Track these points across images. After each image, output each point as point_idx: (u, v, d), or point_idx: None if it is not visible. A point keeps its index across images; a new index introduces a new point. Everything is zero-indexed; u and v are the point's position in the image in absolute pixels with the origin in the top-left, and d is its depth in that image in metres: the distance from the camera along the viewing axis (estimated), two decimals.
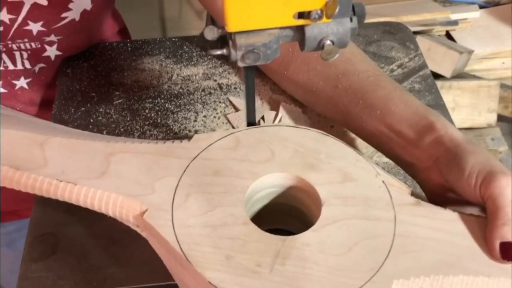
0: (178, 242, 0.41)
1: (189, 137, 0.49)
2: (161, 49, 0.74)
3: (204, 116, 0.65)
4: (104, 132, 0.62)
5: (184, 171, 0.46)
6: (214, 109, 0.65)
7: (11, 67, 0.70)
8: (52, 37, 0.67)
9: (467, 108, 1.49)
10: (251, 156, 0.47)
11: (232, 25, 0.39)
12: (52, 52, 0.70)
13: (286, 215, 0.50)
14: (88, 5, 0.67)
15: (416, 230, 0.43)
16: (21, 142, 0.48)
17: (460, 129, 1.49)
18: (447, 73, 1.46)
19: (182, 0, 1.72)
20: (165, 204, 0.44)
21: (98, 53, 0.73)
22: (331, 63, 0.57)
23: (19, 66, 0.71)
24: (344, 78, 0.56)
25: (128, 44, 0.75)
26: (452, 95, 1.46)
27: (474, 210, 0.46)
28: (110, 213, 0.45)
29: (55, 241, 0.51)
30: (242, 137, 0.49)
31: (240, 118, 0.64)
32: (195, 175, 0.46)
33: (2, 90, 0.73)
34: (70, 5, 0.65)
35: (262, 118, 0.64)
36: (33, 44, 0.67)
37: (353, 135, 0.59)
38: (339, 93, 0.56)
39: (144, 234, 0.45)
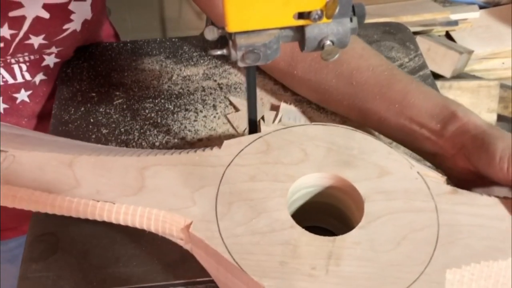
0: (229, 252, 0.41)
1: (218, 144, 0.49)
2: (161, 49, 0.74)
3: (204, 116, 0.65)
4: (104, 132, 0.63)
5: (221, 179, 0.45)
6: (214, 109, 0.65)
7: (10, 81, 0.69)
8: (53, 49, 0.67)
9: None
10: (283, 159, 0.47)
11: (232, 25, 0.39)
12: (51, 60, 0.70)
13: (322, 213, 0.50)
14: (88, 15, 0.66)
15: (459, 218, 0.43)
16: (49, 163, 0.47)
17: None
18: (447, 73, 1.46)
19: (182, 0, 1.72)
20: (208, 215, 0.43)
21: (98, 53, 0.73)
22: (344, 60, 0.57)
23: (19, 79, 0.70)
24: (358, 74, 0.56)
25: (128, 44, 0.75)
26: (452, 95, 1.46)
27: (504, 192, 0.47)
28: (152, 229, 0.45)
29: (55, 241, 0.51)
30: (272, 139, 0.49)
31: (240, 118, 0.64)
32: (232, 182, 0.45)
33: (4, 105, 0.72)
34: (72, 16, 0.64)
35: (262, 118, 0.64)
36: (32, 56, 0.67)
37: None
38: (354, 90, 0.56)
39: (187, 246, 0.45)
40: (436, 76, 1.46)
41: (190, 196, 0.44)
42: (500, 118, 1.55)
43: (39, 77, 0.71)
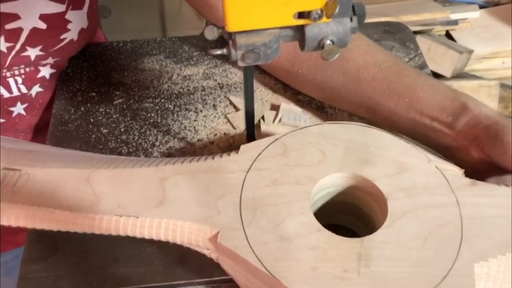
0: (260, 261, 0.40)
1: (235, 149, 0.48)
2: (161, 49, 0.74)
3: (204, 116, 0.65)
4: (104, 131, 0.62)
5: (242, 185, 0.45)
6: (214, 108, 0.65)
7: (6, 95, 0.68)
8: (49, 60, 0.66)
9: None
10: (303, 160, 0.47)
11: (232, 25, 0.39)
12: (46, 71, 0.69)
13: (342, 211, 0.50)
14: (85, 23, 0.66)
15: (480, 210, 0.43)
16: (66, 180, 0.46)
17: None
18: (447, 73, 1.46)
19: (182, 0, 1.72)
20: (234, 223, 0.43)
21: (98, 53, 0.73)
22: (350, 57, 0.57)
23: (15, 92, 0.69)
24: (365, 71, 0.56)
25: (128, 44, 0.75)
26: None
27: None
28: (178, 241, 0.44)
29: (55, 241, 0.51)
30: (288, 141, 0.48)
31: (240, 117, 0.64)
32: (254, 188, 0.45)
33: (1, 120, 0.70)
34: (69, 26, 0.63)
35: (262, 118, 0.64)
36: (27, 69, 0.66)
37: None
38: (362, 86, 0.56)
39: (214, 256, 0.44)
40: (436, 76, 1.46)
41: (214, 205, 0.44)
42: None
43: (35, 89, 0.69)
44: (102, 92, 0.68)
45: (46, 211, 0.44)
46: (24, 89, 0.68)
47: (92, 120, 0.64)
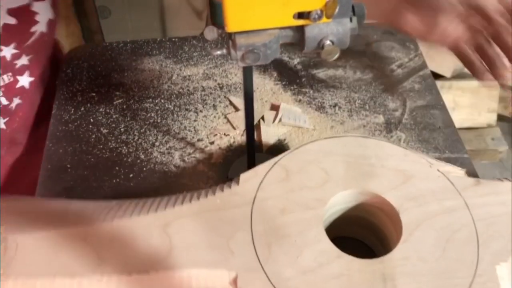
0: None
1: (232, 179, 0.46)
2: (161, 49, 0.74)
3: (204, 116, 0.65)
4: (104, 132, 0.63)
5: (251, 219, 0.43)
6: (214, 109, 0.65)
7: None
8: (23, 59, 0.64)
9: (467, 108, 1.49)
10: (307, 182, 0.45)
11: (232, 25, 0.39)
12: (25, 80, 0.67)
13: (352, 225, 0.50)
14: (51, 14, 0.65)
15: (489, 209, 0.43)
16: (61, 243, 0.41)
17: (460, 129, 1.49)
18: (447, 73, 1.46)
19: (182, 0, 1.72)
20: (251, 263, 0.40)
21: (98, 53, 0.73)
22: None
23: None
24: None
25: (128, 44, 0.75)
26: (452, 95, 1.46)
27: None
28: None
29: None
30: (288, 163, 0.47)
31: (240, 118, 0.64)
32: (264, 220, 0.43)
33: None
34: (37, 17, 0.62)
35: (262, 118, 0.64)
36: (6, 77, 0.64)
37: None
38: None
39: None
40: (436, 76, 1.46)
41: (227, 246, 0.41)
42: (500, 118, 1.56)
43: (16, 101, 0.68)
44: (102, 92, 0.68)
45: (46, 281, 0.39)
46: (4, 101, 0.67)
47: (92, 120, 0.64)
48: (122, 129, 0.63)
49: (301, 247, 0.41)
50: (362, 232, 0.50)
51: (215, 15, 0.43)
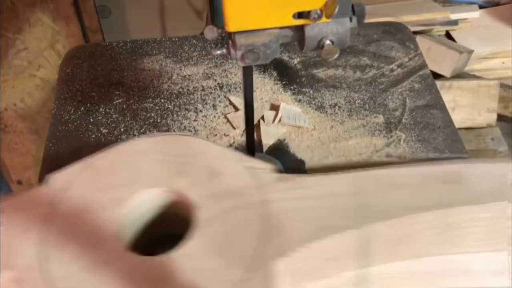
0: None
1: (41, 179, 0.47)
2: (161, 49, 0.74)
3: (204, 116, 0.65)
4: (104, 131, 0.63)
5: (47, 221, 0.43)
6: (214, 108, 0.65)
7: None
8: None
9: (467, 108, 1.49)
10: (114, 182, 0.46)
11: (232, 25, 0.39)
12: None
13: (176, 221, 0.50)
14: None
15: (287, 204, 0.44)
16: None
17: (460, 129, 1.49)
18: (447, 73, 1.46)
19: (182, 0, 1.72)
20: (30, 262, 0.41)
21: (98, 53, 0.73)
22: None
23: None
24: None
25: (128, 44, 0.75)
26: (452, 95, 1.46)
27: None
28: None
29: None
30: (102, 163, 0.48)
31: (240, 117, 0.64)
32: (62, 221, 0.43)
33: None
34: None
35: (262, 118, 0.64)
36: None
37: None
38: None
39: None
40: (436, 76, 1.46)
41: (14, 247, 0.42)
42: (500, 118, 1.55)
43: None
44: (102, 92, 0.68)
45: None
46: None
47: (92, 120, 0.64)
48: (122, 129, 0.63)
49: (92, 246, 0.42)
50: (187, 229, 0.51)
51: (215, 15, 0.42)
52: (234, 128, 0.63)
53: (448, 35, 1.59)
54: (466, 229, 0.44)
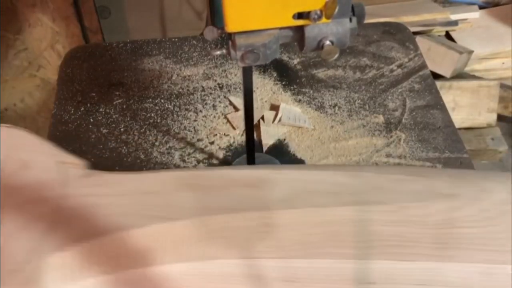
0: None
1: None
2: (161, 49, 0.74)
3: (204, 116, 0.65)
4: (104, 132, 0.63)
5: None
6: (214, 109, 0.65)
7: None
8: None
9: (467, 108, 1.49)
10: None
11: (232, 26, 0.39)
12: None
13: None
14: None
15: (90, 199, 0.44)
16: None
17: (460, 129, 1.49)
18: (447, 73, 1.46)
19: (182, 0, 1.72)
20: None
21: (98, 53, 0.73)
22: None
23: None
24: None
25: (128, 44, 0.75)
26: (452, 95, 1.46)
27: None
28: None
29: None
30: None
31: (240, 118, 0.64)
32: None
33: None
34: None
35: (262, 118, 0.64)
36: None
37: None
38: None
39: None
40: (436, 76, 1.46)
41: None
42: (500, 118, 1.56)
43: None
44: (102, 92, 0.68)
45: None
46: None
47: (92, 120, 0.64)
48: (122, 129, 0.63)
49: None
50: None
51: (215, 16, 0.42)
52: (234, 128, 0.63)
53: (448, 36, 1.59)
54: None
